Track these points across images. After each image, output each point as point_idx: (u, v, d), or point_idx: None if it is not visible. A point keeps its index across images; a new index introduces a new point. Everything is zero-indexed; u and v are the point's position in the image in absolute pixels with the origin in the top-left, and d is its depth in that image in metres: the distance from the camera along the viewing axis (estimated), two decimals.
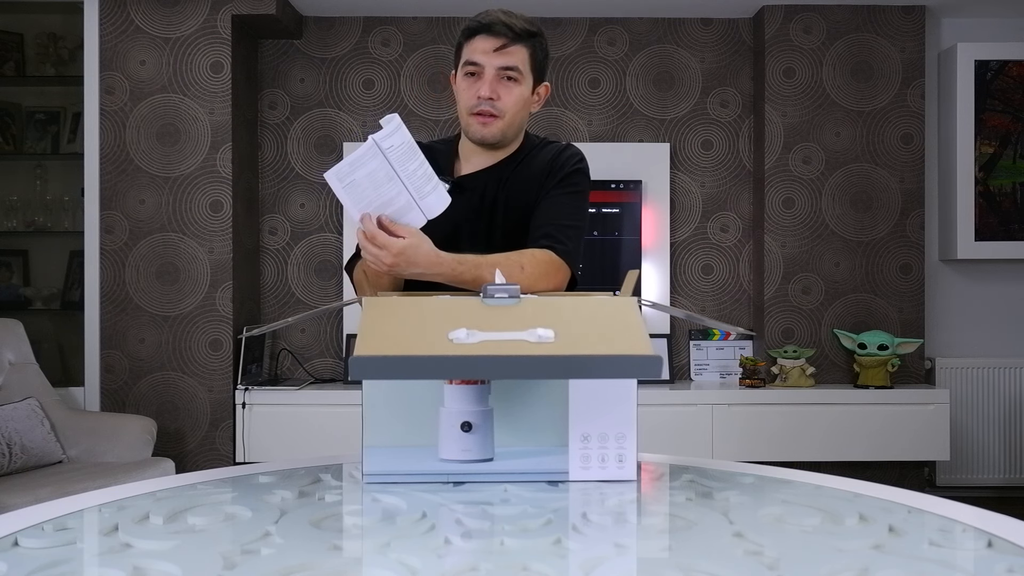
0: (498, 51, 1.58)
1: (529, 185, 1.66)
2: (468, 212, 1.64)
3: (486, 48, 1.58)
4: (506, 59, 1.58)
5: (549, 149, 1.71)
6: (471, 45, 1.60)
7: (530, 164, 1.69)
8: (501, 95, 1.59)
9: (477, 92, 1.59)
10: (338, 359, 4.06)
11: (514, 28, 1.58)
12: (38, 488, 2.72)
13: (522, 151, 1.70)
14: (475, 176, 1.67)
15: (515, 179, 1.67)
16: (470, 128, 1.63)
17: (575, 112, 4.08)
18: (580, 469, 1.28)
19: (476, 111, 1.60)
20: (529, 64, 1.61)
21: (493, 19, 1.58)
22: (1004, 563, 0.89)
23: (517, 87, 1.60)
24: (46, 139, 4.03)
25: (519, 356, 1.11)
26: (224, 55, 3.70)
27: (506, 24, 1.57)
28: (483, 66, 1.59)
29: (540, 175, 1.67)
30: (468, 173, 1.68)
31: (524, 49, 1.59)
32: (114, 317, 3.69)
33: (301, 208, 4.05)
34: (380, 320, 1.18)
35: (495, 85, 1.58)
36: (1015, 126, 4.01)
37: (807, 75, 3.94)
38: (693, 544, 0.97)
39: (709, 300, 4.10)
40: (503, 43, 1.58)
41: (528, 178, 1.66)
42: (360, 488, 1.26)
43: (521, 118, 1.65)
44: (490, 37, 1.58)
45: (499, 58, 1.58)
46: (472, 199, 1.65)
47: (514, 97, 1.60)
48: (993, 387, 4.04)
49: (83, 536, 1.02)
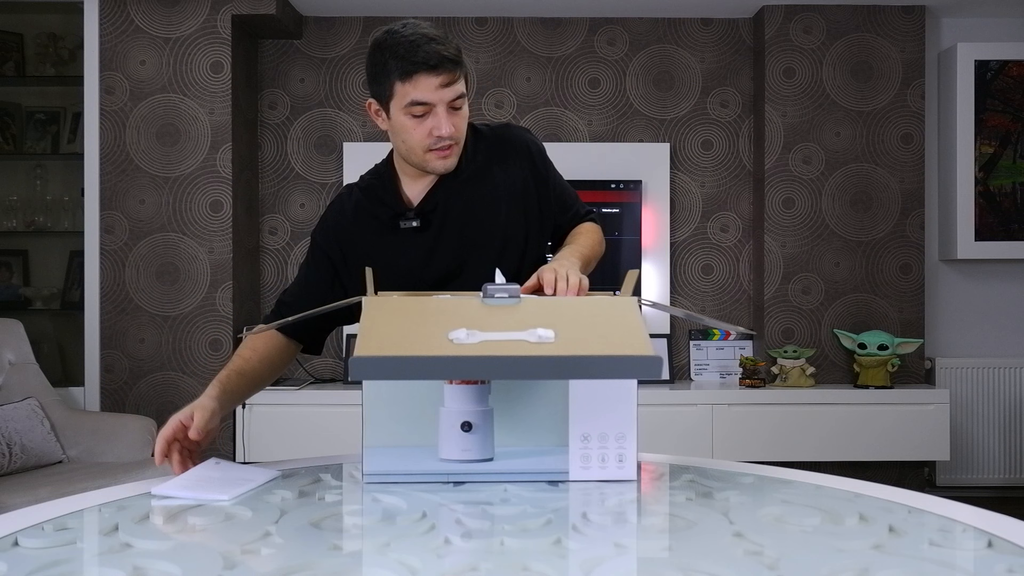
0: (445, 86, 1.48)
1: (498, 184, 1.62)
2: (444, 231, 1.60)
3: (432, 86, 1.47)
4: (454, 90, 1.49)
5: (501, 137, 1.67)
6: (412, 84, 1.47)
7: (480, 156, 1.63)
8: (455, 124, 1.52)
9: (433, 130, 1.50)
10: (338, 359, 4.06)
11: (452, 58, 1.47)
12: (38, 488, 2.72)
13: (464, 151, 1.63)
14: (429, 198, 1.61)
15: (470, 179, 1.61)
16: (429, 163, 1.55)
17: (575, 112, 4.08)
18: (580, 469, 1.28)
19: (436, 147, 1.52)
20: (465, 83, 1.54)
21: (431, 53, 1.45)
22: (1004, 563, 0.89)
23: (463, 110, 1.54)
24: (46, 139, 4.02)
25: (519, 356, 1.11)
26: (224, 55, 3.70)
27: (446, 57, 1.46)
28: (434, 104, 1.49)
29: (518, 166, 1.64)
30: (421, 199, 1.62)
31: (461, 71, 1.51)
32: (114, 317, 3.69)
33: (301, 208, 4.05)
34: (380, 320, 1.18)
35: (450, 119, 1.51)
36: (1015, 126, 4.01)
37: (807, 75, 3.94)
38: (693, 544, 0.97)
39: (709, 300, 4.10)
40: (448, 78, 1.47)
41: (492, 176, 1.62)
42: (360, 488, 1.26)
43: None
44: (435, 75, 1.46)
45: (447, 91, 1.48)
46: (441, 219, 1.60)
47: (463, 120, 1.55)
48: (993, 387, 4.04)
49: (83, 536, 1.02)
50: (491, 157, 1.64)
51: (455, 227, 1.60)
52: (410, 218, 1.59)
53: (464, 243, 1.61)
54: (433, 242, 1.60)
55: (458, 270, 1.60)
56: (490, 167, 1.63)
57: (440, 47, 1.46)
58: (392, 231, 1.60)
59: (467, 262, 1.60)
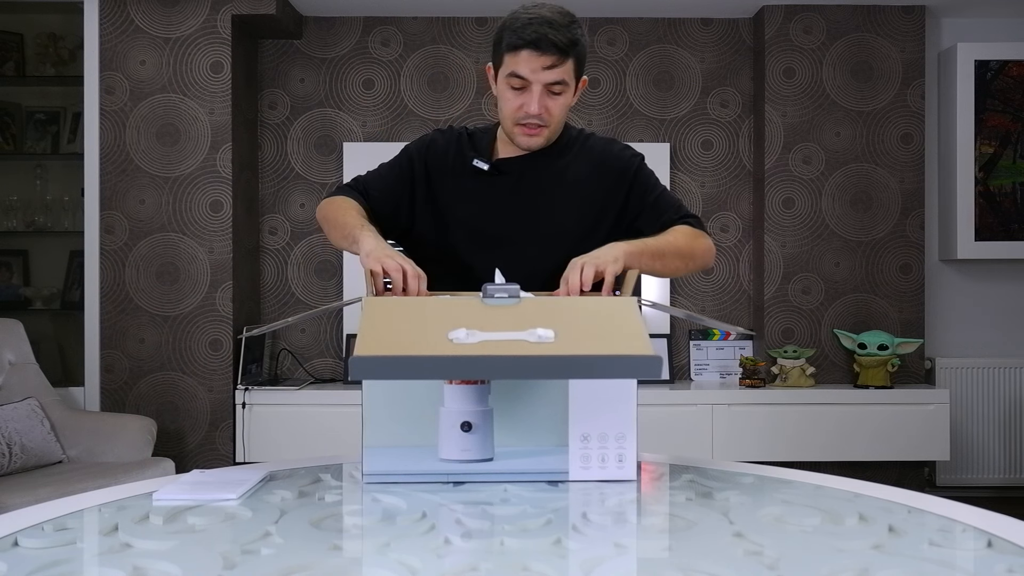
0: (547, 68, 1.55)
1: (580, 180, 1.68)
2: (506, 194, 1.67)
3: (534, 65, 1.55)
4: (554, 75, 1.56)
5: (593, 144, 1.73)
6: (516, 57, 1.55)
7: (573, 157, 1.70)
8: (548, 108, 1.60)
9: (523, 106, 1.58)
10: (338, 359, 4.06)
11: (560, 44, 1.54)
12: (38, 488, 2.72)
13: (560, 140, 1.71)
14: (512, 161, 1.68)
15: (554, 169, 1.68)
16: (515, 136, 1.64)
17: (575, 112, 4.08)
18: (580, 469, 1.28)
19: (523, 122, 1.61)
20: (574, 73, 1.60)
21: (540, 36, 1.53)
22: (1004, 563, 0.89)
23: (563, 96, 1.61)
24: (46, 139, 4.02)
25: (519, 356, 1.11)
26: (224, 55, 3.70)
27: (553, 42, 1.53)
28: (531, 81, 1.57)
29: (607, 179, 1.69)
30: (505, 157, 1.70)
31: (570, 60, 1.57)
32: (114, 317, 3.69)
33: (301, 208, 4.05)
34: (380, 320, 1.18)
35: (543, 100, 1.58)
36: (1015, 126, 4.01)
37: (807, 75, 3.94)
38: (693, 544, 0.97)
39: (709, 300, 4.10)
40: (552, 62, 1.54)
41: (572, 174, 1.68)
42: (360, 488, 1.26)
43: (563, 121, 1.67)
44: (538, 55, 1.54)
45: (547, 75, 1.56)
46: (509, 182, 1.67)
47: (560, 107, 1.62)
48: (993, 387, 4.04)
49: (83, 536, 1.02)
50: (585, 157, 1.70)
51: (520, 193, 1.67)
52: (484, 160, 1.67)
53: (520, 212, 1.66)
54: (492, 198, 1.66)
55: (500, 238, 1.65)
56: (576, 162, 1.70)
57: (551, 31, 1.54)
58: (470, 177, 1.68)
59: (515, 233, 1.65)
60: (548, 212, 1.66)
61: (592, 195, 1.68)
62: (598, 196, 1.68)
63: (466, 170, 1.68)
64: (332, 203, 1.67)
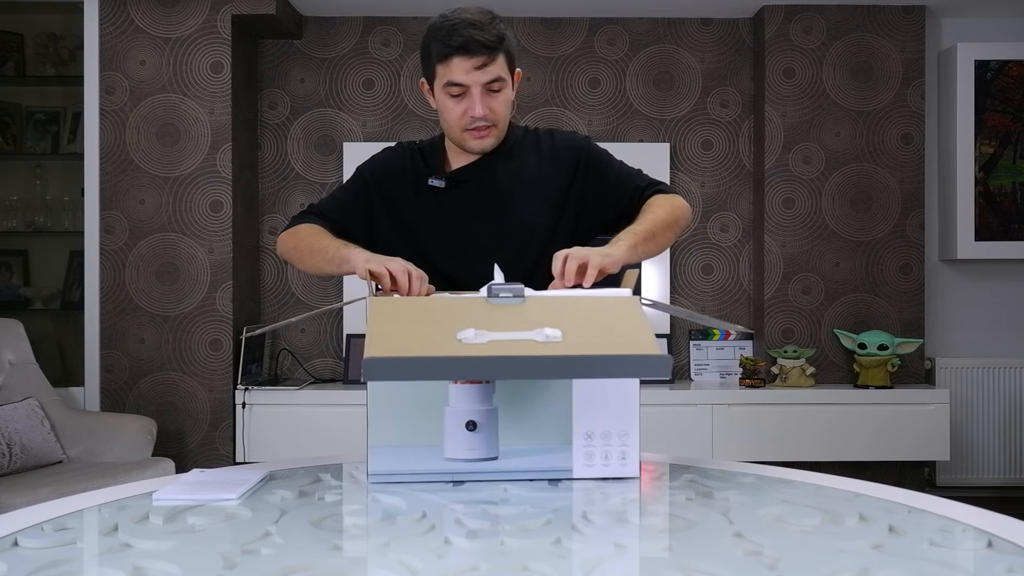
0: (479, 69, 1.56)
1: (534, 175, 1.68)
2: (470, 203, 1.67)
3: (466, 68, 1.55)
4: (489, 74, 1.57)
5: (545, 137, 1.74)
6: (448, 66, 1.56)
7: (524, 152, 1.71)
8: (492, 107, 1.60)
9: (467, 111, 1.59)
10: (338, 359, 4.06)
11: (487, 43, 1.55)
12: (38, 488, 2.72)
13: (507, 139, 1.71)
14: (467, 169, 1.69)
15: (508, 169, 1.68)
16: (466, 143, 1.64)
17: (575, 112, 4.08)
18: (584, 467, 1.28)
19: (470, 128, 1.61)
20: (507, 67, 1.61)
21: (467, 39, 1.53)
22: (1004, 563, 0.89)
23: (503, 93, 1.61)
24: (46, 139, 4.02)
25: (529, 356, 1.11)
26: (224, 55, 3.70)
27: (480, 42, 1.54)
28: (468, 86, 1.57)
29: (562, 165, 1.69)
30: (459, 168, 1.70)
31: (501, 55, 1.58)
32: (114, 317, 3.69)
33: (301, 208, 4.05)
34: (388, 321, 1.18)
35: (485, 100, 1.59)
36: (1015, 126, 4.01)
37: (807, 75, 3.94)
38: (693, 544, 0.97)
39: (709, 300, 4.10)
40: (483, 61, 1.55)
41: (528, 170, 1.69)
42: (360, 488, 1.26)
43: (509, 117, 1.68)
44: (468, 58, 1.55)
45: (482, 75, 1.56)
46: (469, 191, 1.67)
47: (502, 103, 1.62)
48: (993, 387, 4.04)
49: (83, 536, 1.02)
50: (534, 151, 1.71)
51: (481, 199, 1.67)
52: (440, 178, 1.67)
53: (486, 218, 1.66)
54: (456, 209, 1.66)
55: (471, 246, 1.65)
56: (528, 158, 1.70)
57: (477, 32, 1.54)
58: (429, 193, 1.68)
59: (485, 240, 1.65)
60: (513, 213, 1.66)
61: (552, 187, 1.68)
62: (559, 186, 1.68)
63: (425, 187, 1.69)
64: (296, 233, 1.66)
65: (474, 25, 1.54)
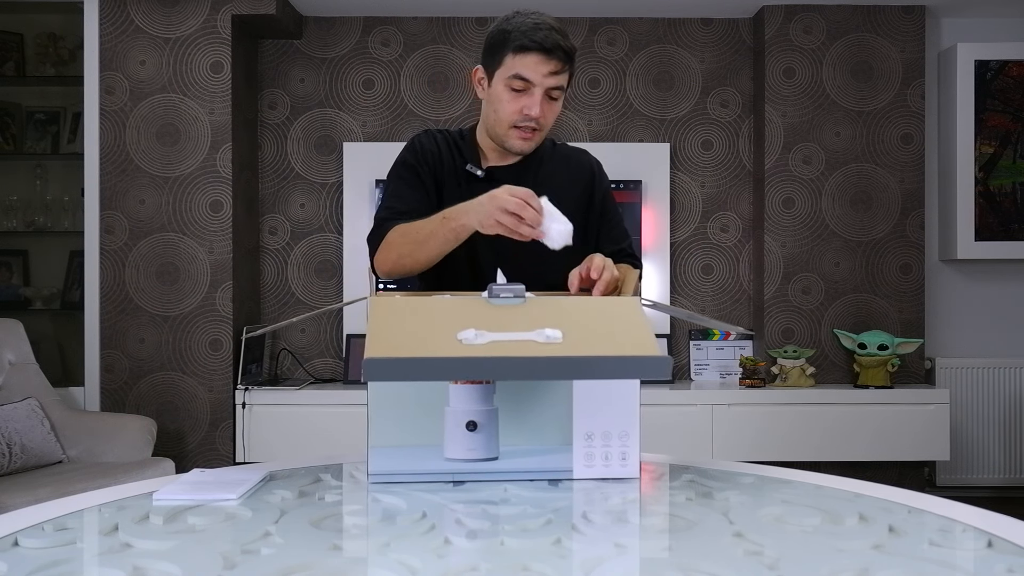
0: (552, 73, 1.59)
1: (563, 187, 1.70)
2: None
3: (542, 69, 1.58)
4: (557, 80, 1.60)
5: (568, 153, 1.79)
6: (522, 59, 1.58)
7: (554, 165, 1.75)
8: (546, 113, 1.63)
9: (524, 108, 1.60)
10: (338, 359, 4.06)
11: (567, 50, 1.59)
12: (38, 488, 2.72)
13: (539, 149, 1.74)
14: (503, 169, 1.71)
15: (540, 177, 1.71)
16: (509, 140, 1.65)
17: (575, 112, 4.08)
18: (584, 467, 1.28)
19: (520, 125, 1.62)
20: (568, 81, 1.65)
21: (551, 41, 1.57)
22: (1004, 563, 0.89)
23: (558, 103, 1.65)
24: (46, 139, 4.03)
25: (530, 357, 1.11)
26: (224, 55, 3.70)
27: (563, 48, 1.58)
28: (535, 85, 1.59)
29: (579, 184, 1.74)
30: (496, 166, 1.72)
31: (568, 69, 1.62)
32: (114, 317, 3.69)
33: (301, 208, 4.05)
34: (389, 321, 1.18)
35: (543, 104, 1.61)
36: (1015, 126, 4.01)
37: (807, 75, 3.94)
38: (693, 544, 0.97)
39: (709, 300, 4.10)
40: (558, 68, 1.59)
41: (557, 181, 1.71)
42: (360, 488, 1.26)
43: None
44: (547, 59, 1.58)
45: (551, 79, 1.59)
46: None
47: (555, 112, 1.66)
48: (993, 387, 4.04)
49: (83, 536, 1.02)
50: (562, 164, 1.76)
51: None
52: (477, 167, 1.69)
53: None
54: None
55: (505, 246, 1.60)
56: (558, 171, 1.74)
57: (559, 38, 1.59)
58: (465, 182, 1.69)
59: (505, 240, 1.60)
60: None
61: (574, 201, 1.71)
62: (581, 202, 1.73)
63: (459, 173, 1.71)
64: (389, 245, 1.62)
65: (557, 31, 1.59)
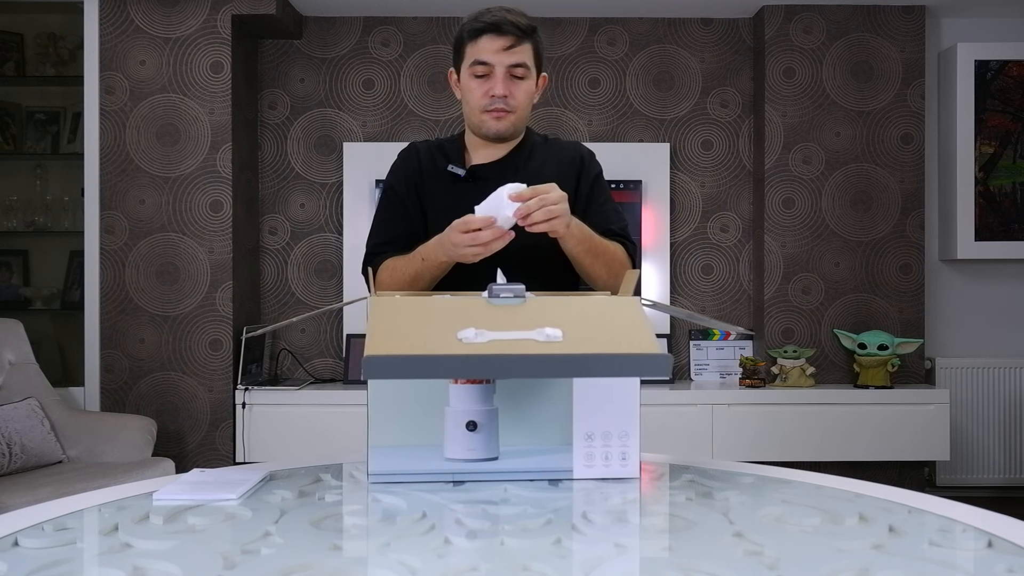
0: (507, 50, 1.62)
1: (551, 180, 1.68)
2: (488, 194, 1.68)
3: (495, 47, 1.62)
4: (515, 57, 1.63)
5: (561, 146, 1.80)
6: (477, 45, 1.64)
7: (544, 157, 1.75)
8: (512, 92, 1.65)
9: (489, 91, 1.65)
10: (338, 359, 4.06)
11: (520, 26, 1.62)
12: (38, 488, 2.72)
13: (527, 143, 1.76)
14: (488, 167, 1.72)
15: (528, 170, 1.71)
16: (484, 125, 1.68)
17: (575, 112, 4.08)
18: (584, 467, 1.28)
19: (490, 108, 1.66)
20: (533, 59, 1.67)
21: (500, 18, 1.62)
22: (1004, 563, 0.89)
23: (525, 82, 1.67)
24: (46, 139, 4.03)
25: (529, 355, 1.11)
26: (224, 55, 3.70)
27: (512, 23, 1.62)
28: (493, 65, 1.63)
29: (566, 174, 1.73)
30: (480, 164, 1.73)
31: (529, 45, 1.65)
32: (114, 317, 3.69)
33: (301, 208, 4.05)
34: (389, 320, 1.18)
35: (507, 83, 1.64)
36: (1015, 126, 4.01)
37: (807, 75, 3.94)
38: (693, 544, 0.97)
39: (709, 300, 4.10)
40: (512, 42, 1.62)
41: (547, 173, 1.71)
42: (360, 488, 1.26)
43: (528, 110, 1.72)
44: (498, 37, 1.62)
45: (508, 56, 1.63)
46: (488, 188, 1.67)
47: (523, 92, 1.67)
48: (993, 387, 4.04)
49: (83, 536, 1.02)
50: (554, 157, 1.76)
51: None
52: (460, 167, 1.72)
53: None
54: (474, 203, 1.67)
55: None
56: (547, 164, 1.75)
57: (509, 15, 1.62)
58: (449, 184, 1.72)
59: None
60: None
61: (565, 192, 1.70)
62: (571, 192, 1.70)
63: (444, 177, 1.72)
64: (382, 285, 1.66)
65: (507, 10, 1.65)
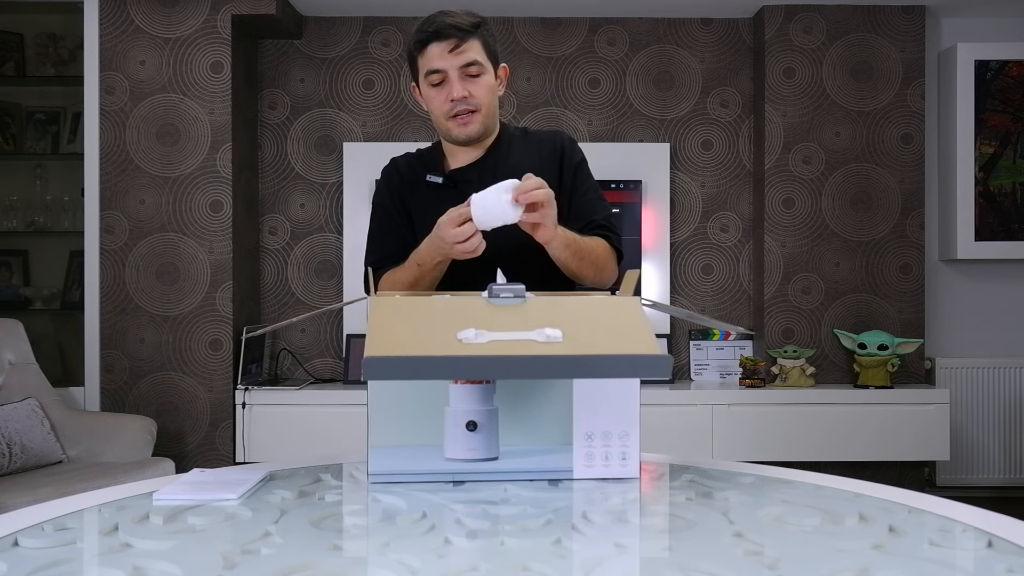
0: (453, 52, 1.62)
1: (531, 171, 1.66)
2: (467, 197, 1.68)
3: (442, 52, 1.62)
4: (464, 57, 1.63)
5: (540, 137, 1.79)
6: (426, 55, 1.64)
7: (522, 151, 1.74)
8: (471, 91, 1.65)
9: (448, 96, 1.64)
10: (338, 359, 4.06)
11: (461, 26, 1.62)
12: (38, 488, 2.72)
13: (503, 139, 1.75)
14: (466, 169, 1.72)
15: (507, 166, 1.71)
16: (451, 132, 1.68)
17: (575, 112, 4.08)
18: (584, 467, 1.28)
19: (453, 114, 1.65)
20: (485, 53, 1.66)
21: (439, 24, 1.62)
22: (1004, 563, 0.89)
23: (482, 78, 1.66)
24: (46, 139, 4.03)
25: (529, 356, 1.11)
26: (224, 55, 3.70)
27: (452, 25, 1.61)
28: (446, 70, 1.63)
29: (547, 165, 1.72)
30: (457, 167, 1.73)
31: (476, 41, 1.64)
32: (114, 317, 3.69)
33: (301, 208, 4.05)
34: (389, 320, 1.18)
35: (463, 84, 1.64)
36: (1015, 126, 4.01)
37: (807, 75, 3.94)
38: (693, 544, 0.97)
39: (709, 300, 4.10)
40: (456, 43, 1.62)
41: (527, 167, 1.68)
42: (360, 488, 1.26)
43: (494, 106, 1.72)
44: (441, 42, 1.62)
45: (457, 58, 1.62)
46: (468, 191, 1.66)
47: (483, 88, 1.67)
48: (993, 387, 4.04)
49: (83, 536, 1.02)
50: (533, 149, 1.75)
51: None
52: (438, 174, 1.72)
53: None
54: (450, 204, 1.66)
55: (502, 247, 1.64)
56: (525, 157, 1.74)
57: (449, 18, 1.61)
58: (431, 193, 1.72)
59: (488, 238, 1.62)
60: None
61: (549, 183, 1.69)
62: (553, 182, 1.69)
63: (426, 187, 1.72)
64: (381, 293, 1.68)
65: (447, 14, 1.64)
